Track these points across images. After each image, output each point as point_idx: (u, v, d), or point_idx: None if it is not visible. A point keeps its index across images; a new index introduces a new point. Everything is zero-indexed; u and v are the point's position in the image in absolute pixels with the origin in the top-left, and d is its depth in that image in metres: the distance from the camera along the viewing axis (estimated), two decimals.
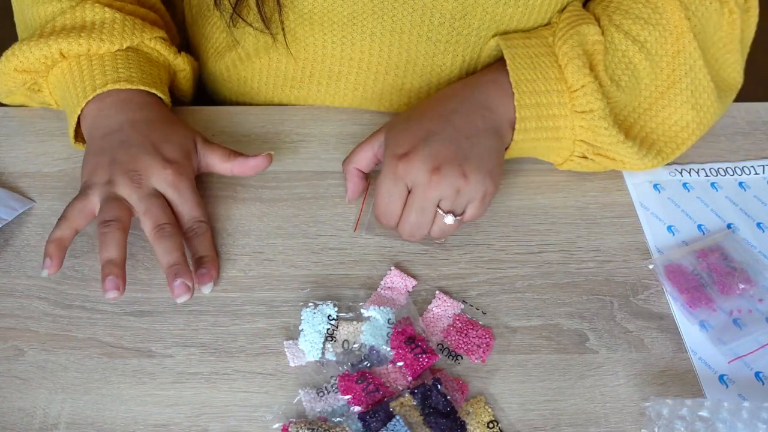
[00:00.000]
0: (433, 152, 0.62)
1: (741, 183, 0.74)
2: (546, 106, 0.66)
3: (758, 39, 0.78)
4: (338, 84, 0.77)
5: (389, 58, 0.73)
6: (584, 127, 0.67)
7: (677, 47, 0.70)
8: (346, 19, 0.70)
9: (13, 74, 0.71)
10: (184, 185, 0.66)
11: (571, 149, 0.69)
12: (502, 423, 0.58)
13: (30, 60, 0.70)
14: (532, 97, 0.66)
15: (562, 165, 0.72)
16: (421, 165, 0.62)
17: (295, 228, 0.70)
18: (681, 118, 0.71)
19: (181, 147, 0.68)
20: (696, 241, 0.69)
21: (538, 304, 0.65)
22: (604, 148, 0.68)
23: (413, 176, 0.62)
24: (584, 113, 0.66)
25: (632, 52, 0.69)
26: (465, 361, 0.61)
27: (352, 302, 0.64)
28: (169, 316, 0.64)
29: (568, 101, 0.66)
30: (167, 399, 0.59)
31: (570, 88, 0.66)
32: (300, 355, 0.61)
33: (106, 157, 0.66)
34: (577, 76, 0.66)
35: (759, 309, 0.65)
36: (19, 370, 0.60)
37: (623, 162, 0.70)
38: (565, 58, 0.66)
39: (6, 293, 0.65)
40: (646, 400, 0.58)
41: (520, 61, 0.66)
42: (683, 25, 0.69)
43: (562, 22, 0.69)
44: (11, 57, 0.70)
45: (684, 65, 0.70)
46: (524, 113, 0.66)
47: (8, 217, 0.69)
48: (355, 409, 0.58)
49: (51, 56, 0.70)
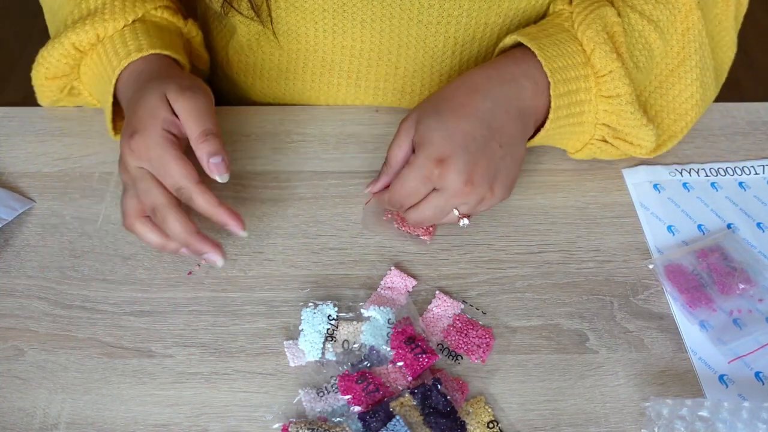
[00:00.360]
0: (469, 163, 0.61)
1: (741, 183, 0.74)
2: (575, 92, 0.66)
3: (758, 39, 0.78)
4: (332, 73, 0.77)
5: (381, 44, 0.73)
6: (608, 111, 0.67)
7: (686, 24, 0.70)
8: (337, 6, 0.70)
9: (47, 83, 0.73)
10: (184, 99, 0.62)
11: (591, 133, 0.69)
12: (502, 423, 0.58)
13: (53, 64, 0.71)
14: (565, 85, 0.65)
15: (579, 151, 0.71)
16: (456, 177, 0.61)
17: (295, 228, 0.70)
18: (691, 96, 0.71)
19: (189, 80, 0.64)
20: (696, 241, 0.69)
21: (538, 304, 0.65)
22: (625, 131, 0.68)
23: (446, 183, 0.61)
24: (611, 98, 0.66)
25: (648, 31, 0.69)
26: (465, 361, 0.61)
27: (352, 302, 0.64)
28: (169, 316, 0.64)
29: (594, 86, 0.66)
30: (167, 399, 0.59)
31: (597, 73, 0.66)
32: (300, 355, 0.61)
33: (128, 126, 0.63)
34: (605, 61, 0.65)
35: (759, 309, 0.65)
36: (19, 370, 0.60)
37: (639, 146, 0.70)
38: (591, 43, 0.66)
39: (6, 293, 0.65)
40: (646, 400, 0.58)
41: (548, 51, 0.65)
42: (691, 1, 0.69)
43: (578, 6, 0.68)
44: (38, 66, 0.72)
45: (693, 42, 0.70)
46: (559, 102, 0.65)
47: (8, 217, 0.69)
48: (355, 409, 0.58)
49: (68, 54, 0.70)
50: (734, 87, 0.83)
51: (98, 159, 0.75)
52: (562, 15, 0.70)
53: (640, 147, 0.70)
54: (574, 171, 0.74)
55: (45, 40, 0.73)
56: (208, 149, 0.60)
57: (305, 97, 0.81)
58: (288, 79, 0.79)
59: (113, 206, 0.71)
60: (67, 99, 0.77)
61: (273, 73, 0.78)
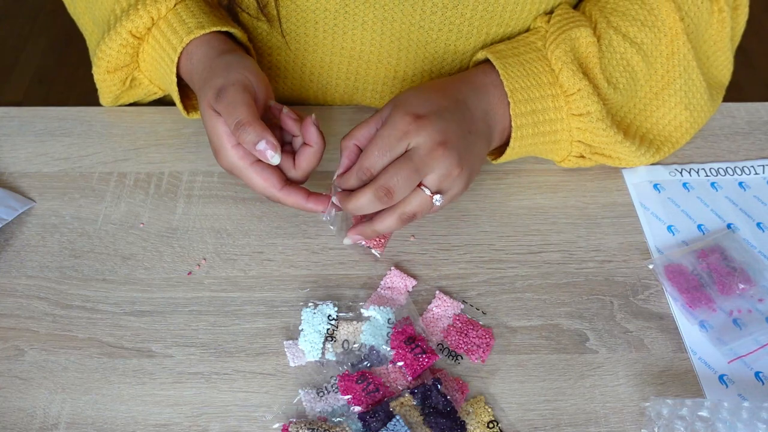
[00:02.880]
0: (445, 126, 0.61)
1: (741, 183, 0.74)
2: (542, 111, 0.66)
3: (758, 40, 0.79)
4: (330, 74, 0.77)
5: (381, 47, 0.73)
6: (581, 129, 0.68)
7: (671, 48, 0.71)
8: (338, 6, 0.70)
9: (108, 77, 0.73)
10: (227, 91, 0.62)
11: (568, 150, 0.70)
12: (502, 423, 0.58)
13: (113, 56, 0.71)
14: (527, 105, 0.66)
15: (561, 162, 0.72)
16: (433, 132, 0.60)
17: (295, 228, 0.70)
18: (675, 118, 0.72)
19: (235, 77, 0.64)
20: (696, 241, 0.69)
21: (538, 304, 0.65)
22: (601, 147, 0.69)
23: (421, 139, 0.60)
24: (581, 116, 0.67)
25: (630, 54, 0.69)
26: (465, 361, 0.61)
27: (352, 302, 0.64)
28: (169, 316, 0.64)
29: (564, 105, 0.67)
30: (167, 399, 0.59)
31: (566, 92, 0.67)
32: (300, 355, 0.61)
33: (203, 104, 0.64)
34: (572, 80, 0.66)
35: (759, 309, 0.65)
36: (19, 370, 0.60)
37: (620, 159, 0.71)
38: (558, 62, 0.67)
39: (6, 293, 0.65)
40: (646, 400, 0.58)
41: (512, 70, 0.66)
42: (677, 26, 0.70)
43: (552, 26, 0.69)
44: (99, 61, 0.72)
45: (678, 66, 0.71)
46: (520, 121, 0.66)
47: (8, 217, 0.69)
48: (355, 409, 0.58)
49: (126, 42, 0.70)
50: (734, 87, 0.83)
51: (98, 159, 0.75)
52: (538, 32, 0.70)
53: (620, 160, 0.71)
54: (574, 171, 0.74)
55: (45, 40, 0.72)
56: (245, 139, 0.60)
57: (302, 97, 0.81)
58: (286, 78, 0.79)
59: (113, 206, 0.71)
60: (128, 93, 0.77)
61: (271, 71, 0.78)
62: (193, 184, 0.73)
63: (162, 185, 0.73)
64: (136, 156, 0.75)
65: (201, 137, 0.77)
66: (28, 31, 2.07)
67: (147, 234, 0.69)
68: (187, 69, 0.68)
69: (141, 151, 0.76)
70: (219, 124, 0.62)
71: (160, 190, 0.72)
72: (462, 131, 0.62)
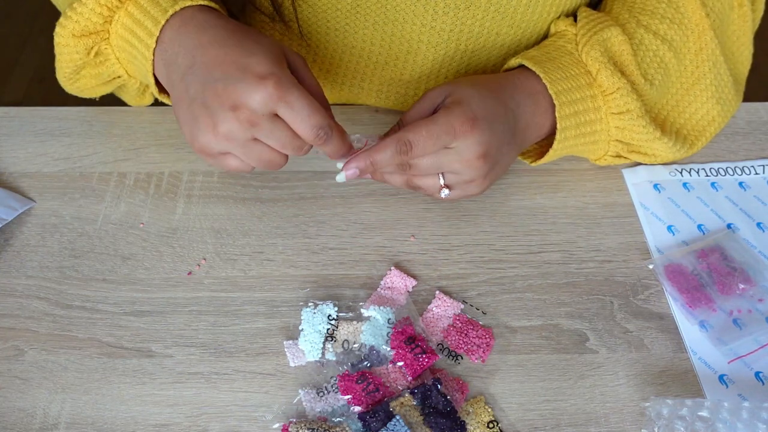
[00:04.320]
0: (490, 139, 0.62)
1: (741, 183, 0.74)
2: (583, 112, 0.67)
3: (758, 40, 0.79)
4: (337, 72, 0.77)
5: (390, 48, 0.73)
6: (620, 128, 0.68)
7: (699, 44, 0.71)
8: (350, 6, 0.70)
9: (73, 42, 0.65)
10: (293, 95, 0.57)
11: (605, 149, 0.71)
12: (502, 423, 0.58)
13: (84, 15, 0.63)
14: (571, 107, 0.66)
15: (597, 161, 0.73)
16: (477, 143, 0.61)
17: (295, 228, 0.70)
18: (707, 113, 0.72)
19: (270, 55, 0.58)
20: (696, 241, 0.69)
21: (538, 304, 0.65)
22: (639, 145, 0.70)
23: (465, 144, 0.61)
24: (621, 114, 0.67)
25: (662, 51, 0.70)
26: (465, 361, 0.61)
27: (352, 302, 0.64)
28: (169, 316, 0.64)
29: (603, 104, 0.68)
30: (167, 399, 0.59)
31: (604, 92, 0.67)
32: (300, 355, 0.61)
33: (197, 104, 0.58)
34: (611, 80, 0.67)
35: (759, 309, 0.64)
36: (19, 370, 0.60)
37: (656, 156, 0.72)
38: (596, 63, 0.67)
39: (6, 293, 0.65)
40: (646, 400, 0.58)
41: (552, 74, 0.66)
42: (704, 23, 0.71)
43: (581, 29, 0.69)
44: (65, 21, 0.64)
45: (707, 61, 0.71)
46: (564, 123, 0.66)
47: (8, 217, 0.69)
48: (355, 409, 0.58)
49: (105, 1, 0.63)
50: None
51: (98, 159, 0.75)
52: (565, 36, 0.70)
53: (656, 157, 0.72)
54: (574, 171, 0.74)
55: (45, 40, 0.72)
56: (330, 145, 0.61)
57: None
58: None
59: (113, 206, 0.71)
60: (90, 67, 0.68)
61: None
62: (193, 184, 0.73)
63: (162, 185, 0.73)
64: (136, 156, 0.75)
65: None
66: (28, 31, 2.07)
67: (147, 234, 0.69)
68: (176, 33, 0.61)
69: (141, 151, 0.76)
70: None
71: (160, 190, 0.72)
72: (501, 144, 0.64)
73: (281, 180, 0.73)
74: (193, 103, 0.59)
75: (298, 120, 0.57)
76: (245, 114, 0.56)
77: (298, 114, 0.57)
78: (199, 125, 0.58)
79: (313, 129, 0.57)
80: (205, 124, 0.58)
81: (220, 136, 0.58)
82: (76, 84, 0.71)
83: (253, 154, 0.59)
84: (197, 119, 0.58)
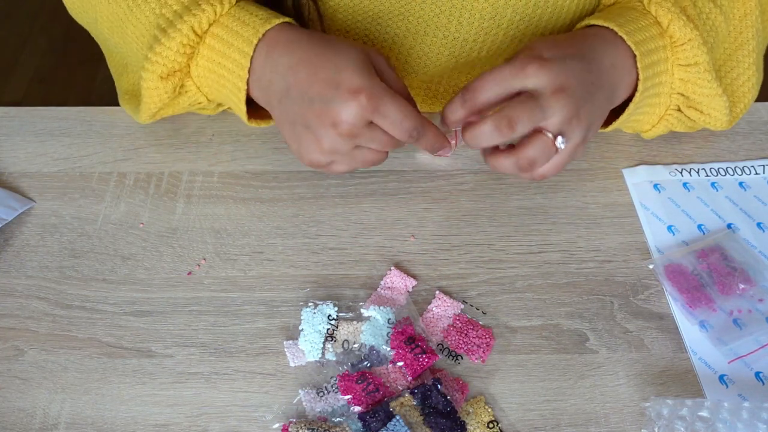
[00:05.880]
0: (567, 72, 0.60)
1: (741, 183, 0.74)
2: (656, 63, 0.66)
3: None
4: None
5: (407, 62, 0.72)
6: (684, 80, 0.67)
7: (744, 10, 0.71)
8: (371, 18, 0.69)
9: (161, 85, 0.66)
10: (385, 105, 0.59)
11: (667, 103, 0.69)
12: (502, 423, 0.58)
13: (170, 57, 0.64)
14: (648, 57, 0.65)
15: (654, 127, 0.71)
16: (553, 75, 0.59)
17: (295, 228, 0.70)
18: (748, 80, 0.72)
19: (358, 67, 0.60)
20: (696, 241, 0.69)
21: (538, 304, 0.65)
22: (699, 100, 0.69)
23: (541, 81, 0.59)
24: (688, 66, 0.67)
25: (714, 14, 0.69)
26: (465, 361, 0.61)
27: (352, 302, 0.64)
28: (169, 316, 0.64)
29: (671, 55, 0.67)
30: (167, 399, 0.59)
31: (674, 42, 0.66)
32: (300, 355, 0.61)
33: (299, 125, 0.62)
34: (683, 30, 0.65)
35: (759, 309, 0.64)
36: (19, 370, 0.60)
37: (710, 116, 0.70)
38: (668, 14, 0.66)
39: (6, 293, 0.65)
40: (646, 400, 0.58)
41: (626, 27, 0.65)
42: None
43: None
44: (151, 66, 0.64)
45: (751, 27, 0.71)
46: (645, 73, 0.65)
47: (8, 217, 0.69)
48: (355, 409, 0.58)
49: (187, 40, 0.63)
50: None
51: (98, 159, 0.75)
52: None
53: (710, 117, 0.70)
54: (574, 171, 0.75)
55: (45, 40, 0.72)
56: (427, 141, 0.64)
57: None
58: None
59: (113, 206, 0.71)
60: (172, 104, 0.70)
61: None
62: (193, 184, 0.73)
63: (162, 185, 0.73)
64: (136, 156, 0.75)
65: (201, 137, 0.77)
66: (28, 31, 2.07)
67: (147, 234, 0.69)
68: (265, 59, 0.63)
69: (141, 151, 0.76)
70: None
71: (160, 190, 0.72)
72: (584, 81, 0.61)
73: (281, 180, 0.73)
74: (294, 125, 0.63)
75: (392, 126, 0.61)
76: (345, 128, 0.60)
77: (392, 121, 0.60)
78: (304, 144, 0.63)
79: (406, 131, 0.61)
80: (310, 142, 0.62)
81: (326, 151, 0.62)
82: (156, 116, 0.72)
83: (357, 159, 0.64)
84: (301, 139, 0.63)
